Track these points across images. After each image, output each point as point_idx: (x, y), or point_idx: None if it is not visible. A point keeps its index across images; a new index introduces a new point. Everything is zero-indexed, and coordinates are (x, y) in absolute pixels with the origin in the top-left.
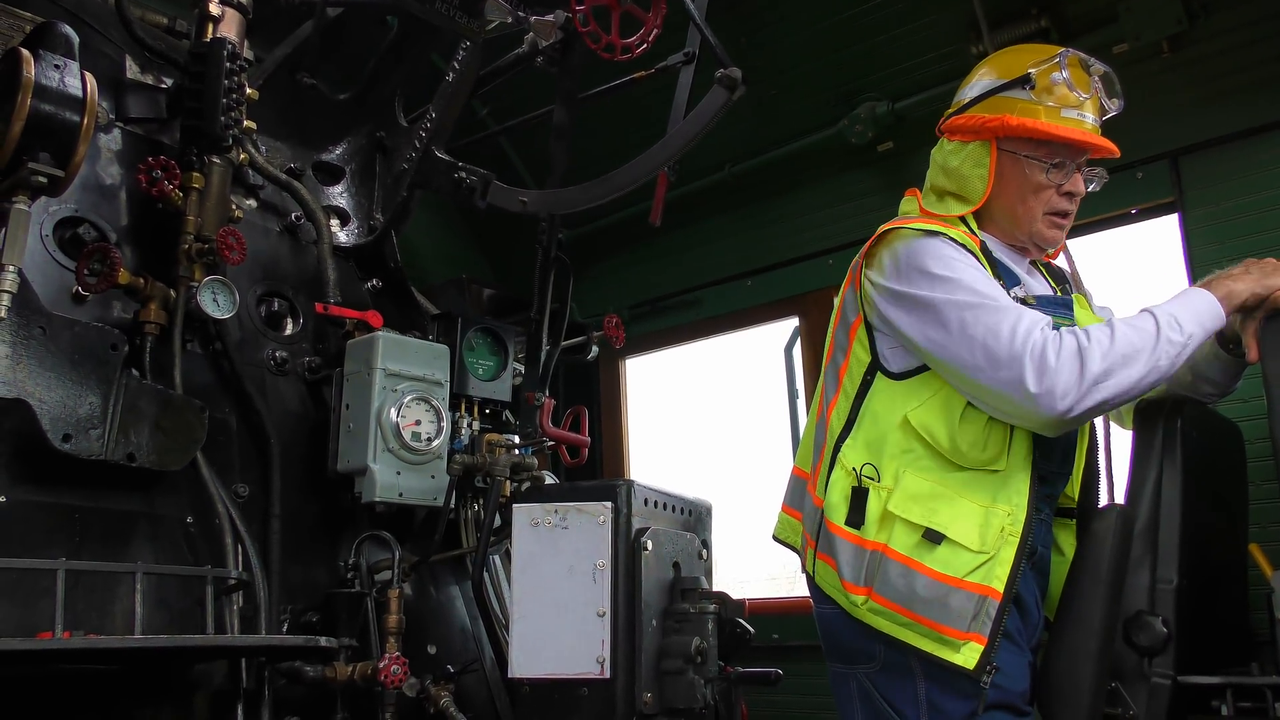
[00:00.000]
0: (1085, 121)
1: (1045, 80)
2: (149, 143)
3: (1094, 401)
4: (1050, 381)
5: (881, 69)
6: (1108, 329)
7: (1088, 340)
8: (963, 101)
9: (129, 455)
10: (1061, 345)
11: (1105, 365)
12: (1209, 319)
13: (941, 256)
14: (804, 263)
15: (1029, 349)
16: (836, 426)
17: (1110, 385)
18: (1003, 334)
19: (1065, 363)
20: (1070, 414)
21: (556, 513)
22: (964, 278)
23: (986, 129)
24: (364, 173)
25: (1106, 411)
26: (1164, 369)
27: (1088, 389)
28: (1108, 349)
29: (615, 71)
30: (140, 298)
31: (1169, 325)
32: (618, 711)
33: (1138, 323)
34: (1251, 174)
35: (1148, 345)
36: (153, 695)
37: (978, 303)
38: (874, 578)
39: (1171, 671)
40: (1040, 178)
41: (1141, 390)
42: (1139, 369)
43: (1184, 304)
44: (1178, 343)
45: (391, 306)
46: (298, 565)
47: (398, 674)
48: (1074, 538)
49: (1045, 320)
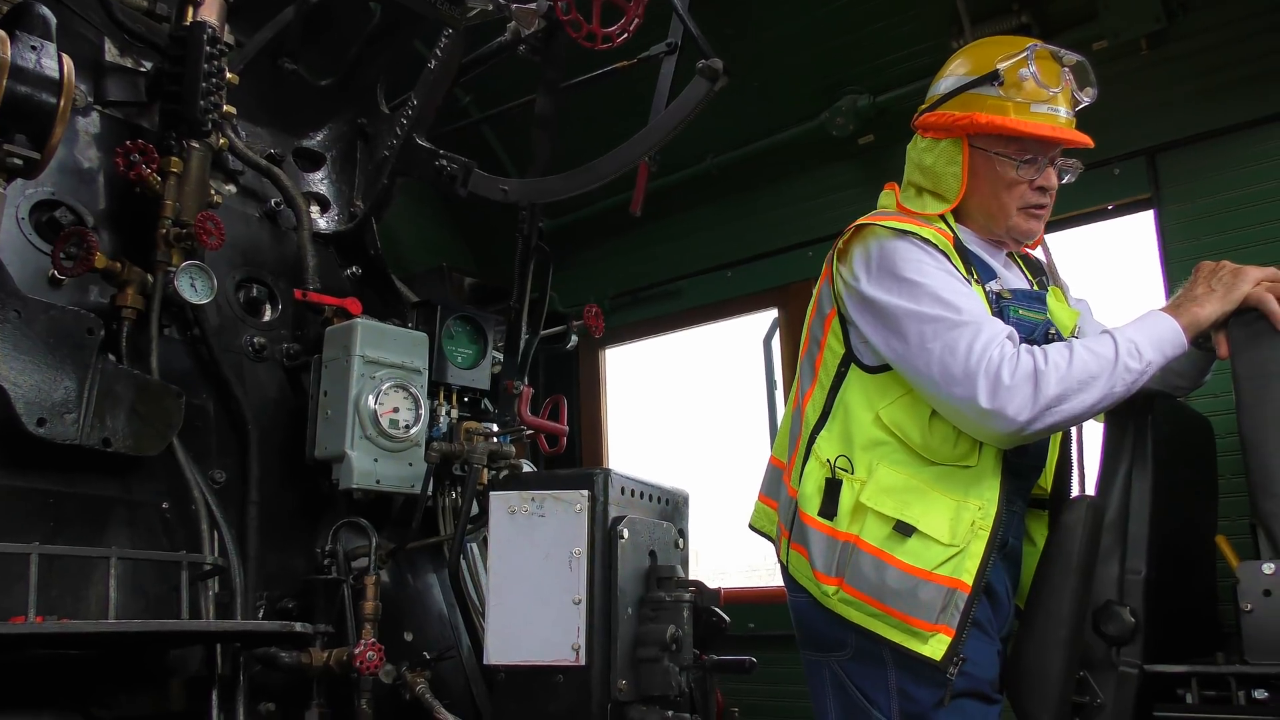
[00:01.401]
0: (1057, 116)
1: (1013, 76)
2: (128, 126)
3: (1046, 424)
4: (1003, 401)
5: (863, 63)
6: (1066, 351)
7: (1045, 363)
8: (935, 96)
9: (104, 440)
10: (1018, 366)
11: (1060, 390)
12: (1170, 346)
13: (911, 260)
14: (784, 255)
15: (984, 367)
16: (812, 418)
17: (1063, 409)
18: (959, 350)
19: (1020, 384)
20: (1022, 433)
21: (533, 501)
22: (931, 283)
23: (957, 126)
24: (345, 159)
25: (1059, 431)
26: (1119, 395)
27: (1040, 412)
28: (1064, 373)
29: (599, 61)
30: (117, 282)
31: (1128, 353)
32: (593, 698)
33: (1097, 347)
34: (1227, 171)
35: (1105, 371)
36: (127, 681)
37: (939, 316)
38: (845, 568)
39: (1139, 660)
40: (1011, 174)
41: (1096, 413)
42: (1093, 395)
43: (1146, 330)
44: (1135, 370)
45: (371, 294)
46: (274, 552)
47: (373, 660)
48: (1047, 528)
49: (1004, 336)
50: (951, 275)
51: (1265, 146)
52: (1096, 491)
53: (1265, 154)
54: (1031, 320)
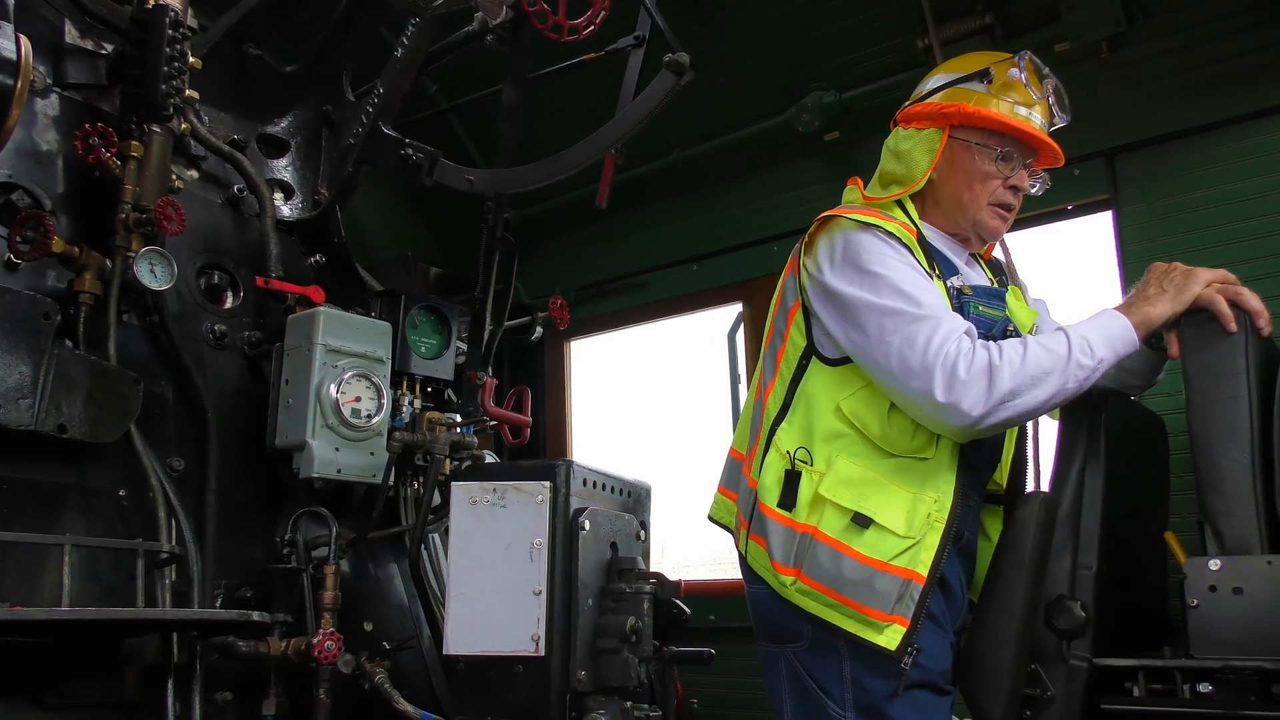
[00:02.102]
0: (1034, 121)
1: (1003, 76)
2: (88, 109)
3: (999, 419)
4: (958, 395)
5: (829, 60)
6: (1021, 347)
7: (999, 358)
8: (922, 93)
9: (60, 426)
10: (973, 360)
11: (1013, 385)
12: (1121, 344)
13: (874, 252)
14: (749, 249)
15: (941, 360)
16: (772, 409)
17: (1017, 404)
18: (918, 344)
19: (975, 378)
20: (976, 427)
21: (495, 491)
22: (892, 276)
23: (942, 115)
24: (309, 146)
25: (1013, 426)
26: (1072, 391)
27: (994, 406)
28: (1018, 369)
29: (568, 53)
30: (75, 267)
31: (1081, 349)
32: (552, 689)
33: (1051, 344)
34: (1185, 174)
35: (1058, 368)
36: (82, 670)
37: (899, 309)
38: (803, 559)
39: (1088, 654)
40: (988, 166)
41: (1049, 409)
42: (1046, 390)
43: (1099, 327)
44: (1088, 367)
45: (335, 282)
46: (233, 540)
47: (332, 650)
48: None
49: (962, 330)
50: (913, 269)
51: (1222, 150)
52: (1050, 487)
53: (1222, 157)
54: (991, 317)
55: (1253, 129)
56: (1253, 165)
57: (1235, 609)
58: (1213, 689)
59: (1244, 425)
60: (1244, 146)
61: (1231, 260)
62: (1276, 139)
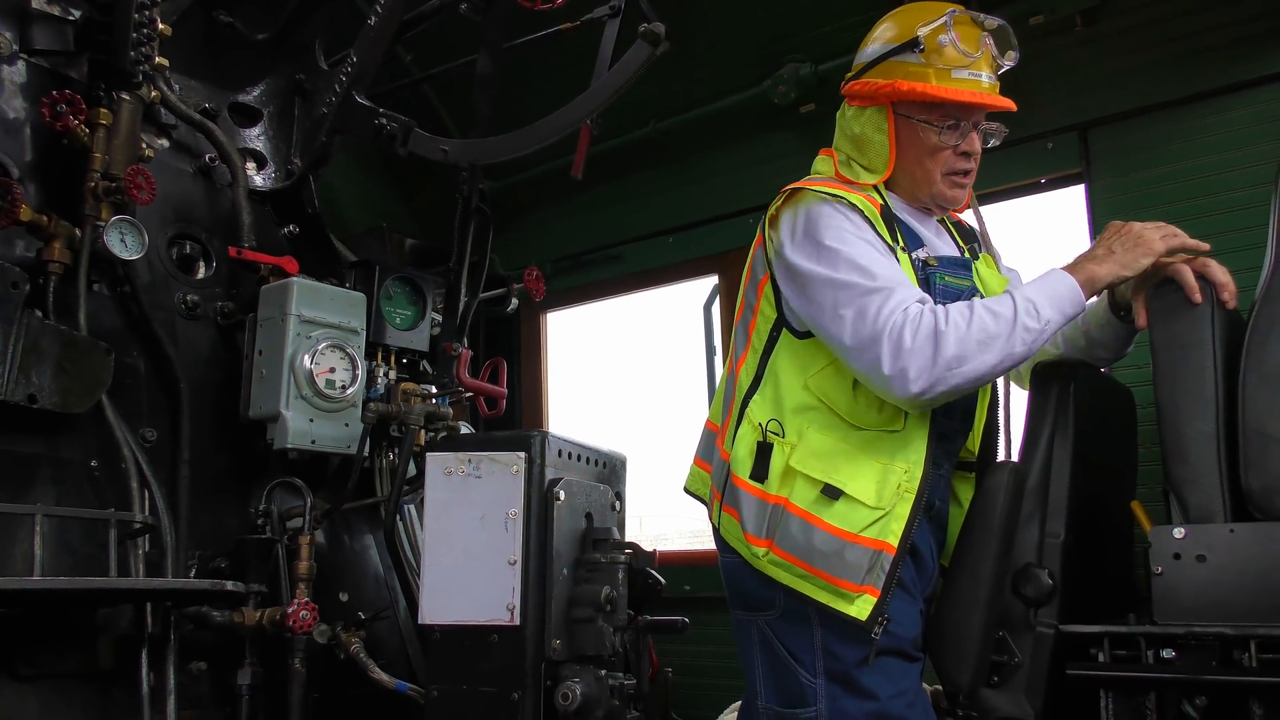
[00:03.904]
0: (979, 81)
1: (933, 42)
2: (55, 76)
3: (949, 386)
4: (904, 363)
5: (805, 31)
6: (967, 312)
7: (945, 323)
8: (861, 64)
9: (30, 396)
10: (919, 327)
11: (959, 350)
12: (1069, 304)
13: (832, 227)
14: (725, 221)
15: (887, 330)
16: (745, 382)
17: (965, 370)
18: (868, 315)
19: (920, 346)
20: (924, 396)
21: (470, 462)
22: (849, 250)
23: (881, 94)
24: (282, 115)
25: (967, 392)
26: (1020, 354)
27: (941, 373)
28: (963, 334)
29: (543, 22)
30: (43, 236)
31: (1026, 312)
32: (527, 658)
33: (996, 306)
34: (1157, 148)
35: (1003, 332)
36: (54, 640)
37: (852, 283)
38: (775, 531)
39: (1055, 621)
40: (934, 140)
41: (999, 373)
42: (993, 355)
43: (1044, 289)
44: (1034, 330)
45: (309, 253)
46: (207, 511)
47: (306, 619)
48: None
49: (912, 299)
50: (871, 244)
51: (1194, 124)
52: (1020, 457)
53: (1194, 131)
54: (957, 287)
55: (1226, 103)
56: (1225, 139)
57: (1198, 576)
58: (1175, 654)
59: (1209, 396)
60: (1216, 121)
61: (1203, 234)
62: (1248, 113)
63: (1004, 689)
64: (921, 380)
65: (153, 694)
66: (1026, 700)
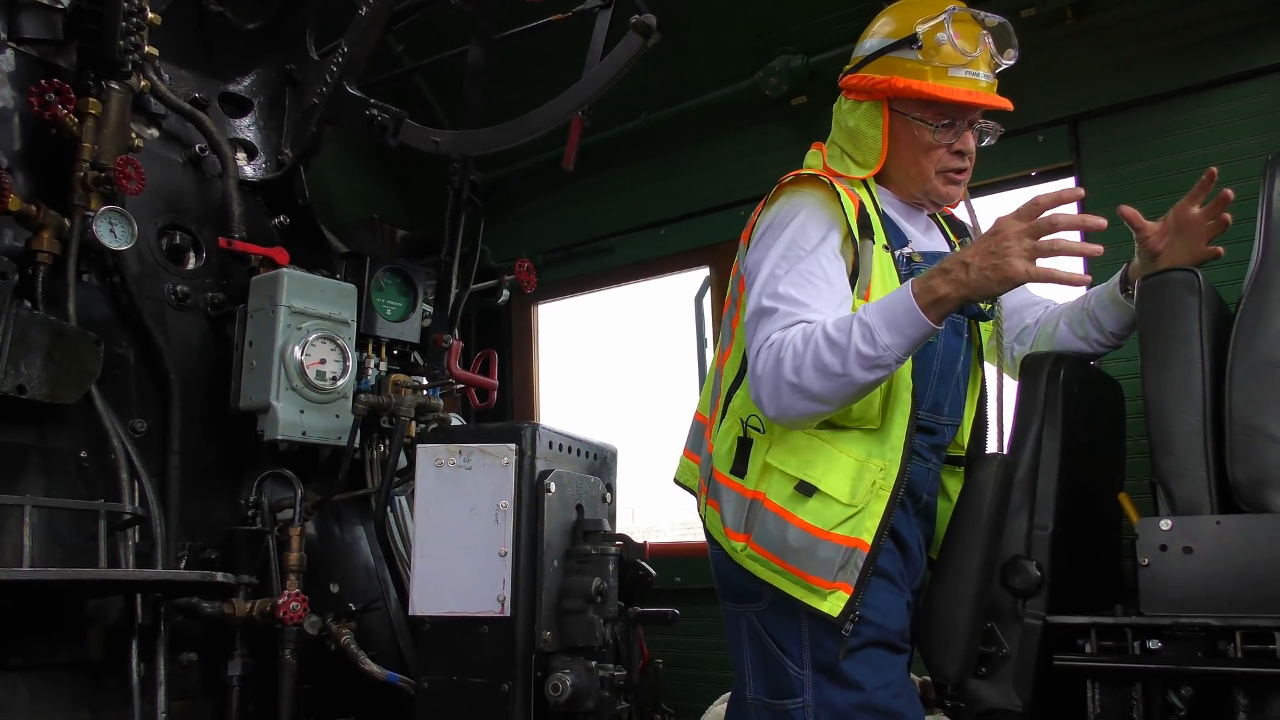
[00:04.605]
0: (976, 80)
1: (931, 39)
2: (44, 65)
3: (797, 411)
4: (757, 390)
5: (797, 23)
6: (809, 338)
7: (784, 350)
8: (859, 57)
9: (19, 387)
10: (770, 354)
11: (796, 379)
12: (910, 327)
13: (787, 239)
14: (716, 214)
15: (756, 355)
16: (729, 376)
17: (806, 398)
18: (752, 334)
19: (768, 372)
20: (782, 419)
21: (460, 454)
22: (779, 269)
23: (877, 90)
24: (273, 106)
25: (820, 416)
26: (867, 379)
27: (788, 400)
28: (800, 362)
29: (536, 13)
30: (32, 225)
31: (862, 337)
32: (517, 649)
33: (835, 333)
34: (1147, 141)
35: (838, 358)
36: (44, 631)
37: (760, 299)
38: (753, 526)
39: (1043, 612)
40: (929, 138)
41: (848, 398)
42: (833, 382)
43: (885, 310)
44: (870, 356)
45: (299, 244)
46: (197, 502)
47: (297, 610)
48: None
49: (783, 324)
50: (826, 259)
51: (1184, 116)
52: (1008, 449)
53: (1183, 124)
54: None
55: (1215, 96)
56: (1215, 132)
57: (1185, 568)
58: (1162, 645)
59: (1196, 389)
60: (1206, 114)
61: None
62: (1238, 106)
63: (992, 680)
64: (773, 406)
65: (143, 684)
66: (1014, 691)
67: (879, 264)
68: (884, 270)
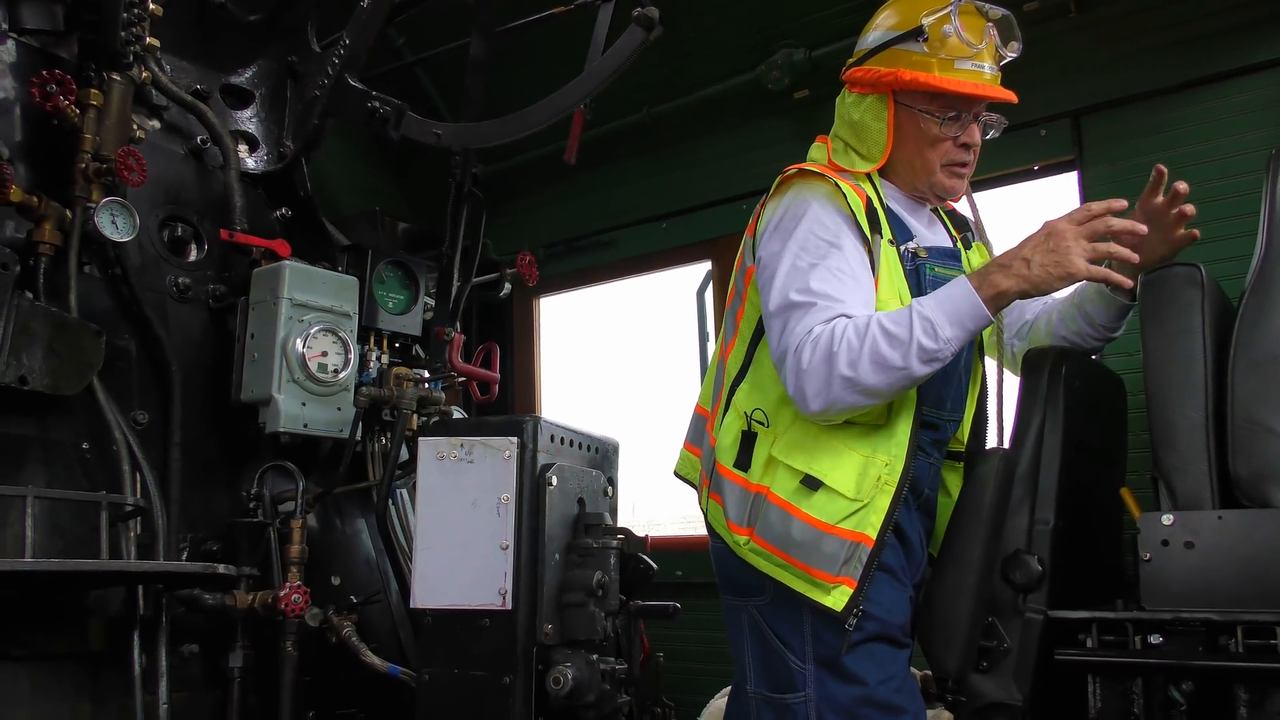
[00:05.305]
0: (982, 72)
1: (937, 32)
2: (45, 56)
3: (846, 404)
4: (801, 384)
5: (799, 17)
6: (864, 329)
7: (838, 344)
8: (863, 50)
9: (21, 378)
10: (817, 347)
11: (851, 372)
12: (970, 320)
13: (803, 230)
14: (718, 207)
15: (793, 348)
16: (732, 369)
17: (860, 390)
18: (785, 329)
19: (816, 366)
20: (824, 414)
21: (462, 447)
22: (801, 260)
23: (882, 83)
24: (274, 98)
25: (867, 407)
26: (921, 373)
27: (838, 393)
28: (856, 355)
29: (538, 6)
30: (34, 217)
31: (924, 331)
32: (519, 642)
33: (894, 326)
34: (1149, 135)
35: (898, 351)
36: (45, 621)
37: (787, 293)
38: (756, 520)
39: (1044, 607)
40: (935, 131)
41: (900, 391)
42: (889, 375)
43: (945, 303)
44: (931, 349)
45: (301, 236)
46: (199, 494)
47: (298, 603)
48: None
49: (823, 318)
50: (841, 254)
51: (1187, 111)
52: (1010, 444)
53: (1187, 118)
54: (947, 277)
55: (1218, 90)
56: (1217, 126)
57: (1186, 563)
58: (1162, 640)
59: (1198, 384)
60: (1209, 108)
61: (1194, 222)
62: (1240, 100)
63: (993, 674)
64: (819, 400)
65: (144, 676)
66: (1015, 685)
67: (886, 259)
68: (890, 265)
